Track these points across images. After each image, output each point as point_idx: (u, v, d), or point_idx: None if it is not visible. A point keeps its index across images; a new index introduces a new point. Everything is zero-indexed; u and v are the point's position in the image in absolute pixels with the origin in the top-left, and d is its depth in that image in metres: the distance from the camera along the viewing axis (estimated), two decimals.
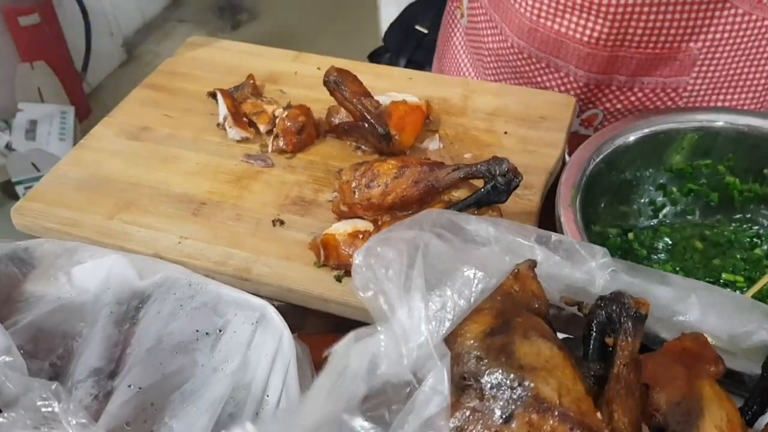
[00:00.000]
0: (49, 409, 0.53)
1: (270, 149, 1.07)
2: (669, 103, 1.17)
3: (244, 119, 1.11)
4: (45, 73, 3.05)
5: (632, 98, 1.17)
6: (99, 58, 3.43)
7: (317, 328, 0.92)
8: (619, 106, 1.20)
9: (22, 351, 0.64)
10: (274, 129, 1.07)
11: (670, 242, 1.00)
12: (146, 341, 0.67)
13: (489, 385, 0.52)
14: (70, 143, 2.92)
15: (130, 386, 0.63)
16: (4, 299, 0.73)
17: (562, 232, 0.83)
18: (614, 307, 0.60)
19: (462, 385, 0.53)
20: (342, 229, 0.88)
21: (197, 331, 0.69)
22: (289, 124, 1.05)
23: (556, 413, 0.51)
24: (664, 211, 1.03)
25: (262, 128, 1.10)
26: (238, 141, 1.09)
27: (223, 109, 1.11)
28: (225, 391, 0.65)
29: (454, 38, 1.46)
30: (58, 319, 0.71)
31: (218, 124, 1.12)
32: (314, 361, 0.79)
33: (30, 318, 0.69)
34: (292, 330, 0.75)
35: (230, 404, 0.66)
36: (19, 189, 2.85)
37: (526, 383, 0.52)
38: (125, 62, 3.75)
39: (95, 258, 0.75)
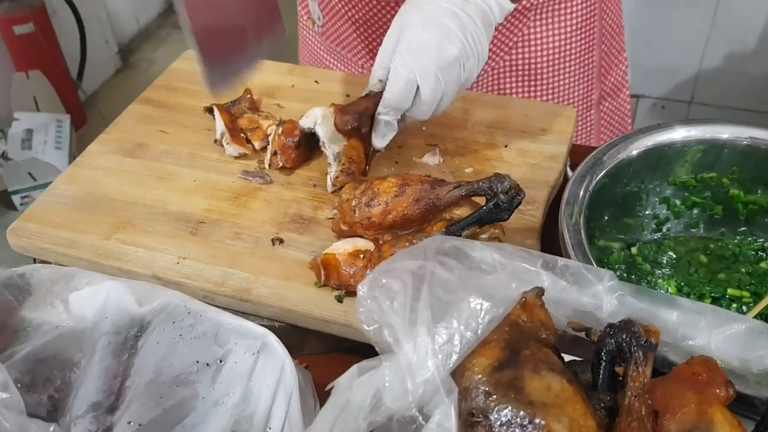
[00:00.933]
0: None
1: (267, 165, 1.05)
2: (524, 2, 1.22)
3: (242, 135, 1.10)
4: (40, 81, 3.04)
5: None
6: (94, 66, 3.43)
7: (318, 348, 0.91)
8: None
9: (19, 385, 0.63)
10: (269, 146, 1.06)
11: (674, 256, 0.99)
12: (146, 374, 0.66)
13: (498, 423, 0.51)
14: (66, 152, 2.91)
15: (130, 423, 0.62)
16: (0, 328, 0.72)
17: (566, 250, 0.82)
18: (624, 336, 0.59)
19: (470, 422, 0.52)
20: (342, 248, 0.87)
21: (197, 362, 0.68)
22: (285, 140, 1.04)
23: None
24: (668, 224, 1.02)
25: (257, 145, 1.09)
26: (235, 157, 1.08)
27: (220, 125, 1.10)
28: (227, 425, 0.63)
29: (311, 44, 1.48)
30: (56, 349, 0.70)
31: (215, 141, 1.10)
32: (315, 380, 0.78)
33: (27, 349, 0.68)
34: (293, 350, 0.73)
35: None
36: (16, 199, 2.84)
37: (537, 421, 0.51)
38: (121, 70, 3.74)
39: (92, 284, 0.74)
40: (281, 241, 0.94)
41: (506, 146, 1.08)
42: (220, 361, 0.68)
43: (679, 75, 2.83)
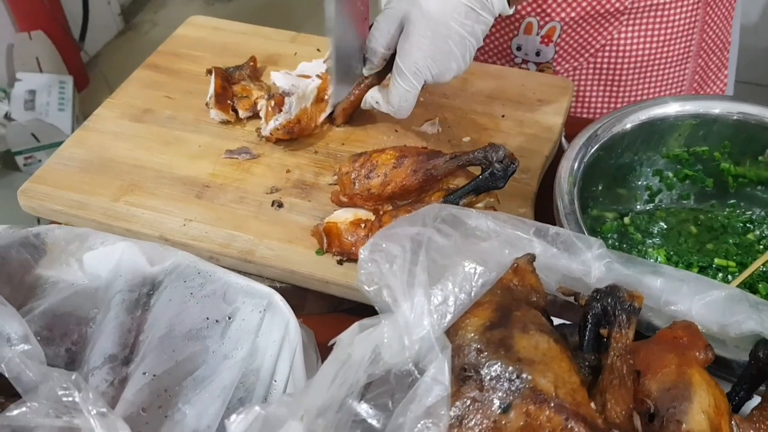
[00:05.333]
0: (70, 399, 0.56)
1: (264, 133, 1.07)
2: (617, 4, 1.20)
3: (229, 102, 1.11)
4: (43, 42, 3.04)
5: (584, 3, 1.20)
6: (96, 27, 3.42)
7: (318, 308, 0.94)
8: (573, 14, 1.22)
9: (38, 338, 0.66)
10: (262, 120, 1.07)
11: (665, 226, 1.02)
12: (159, 329, 0.70)
13: (488, 377, 0.55)
14: (69, 113, 2.92)
15: (144, 373, 0.66)
16: (17, 284, 0.75)
17: (559, 219, 0.85)
18: (609, 300, 0.62)
19: (463, 376, 0.56)
20: (343, 217, 0.90)
21: (207, 318, 0.71)
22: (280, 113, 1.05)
23: (552, 404, 0.54)
24: (660, 195, 1.05)
25: (241, 114, 1.11)
26: (220, 122, 1.10)
27: (211, 88, 1.12)
28: (235, 377, 0.68)
29: None
30: (72, 305, 0.74)
31: (206, 104, 1.13)
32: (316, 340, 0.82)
33: (45, 305, 0.71)
34: (294, 310, 0.77)
35: (240, 389, 0.69)
36: (19, 159, 2.86)
37: (524, 375, 0.54)
38: (123, 31, 3.73)
39: (106, 245, 0.77)
40: (281, 204, 0.97)
41: (503, 116, 1.10)
42: (229, 318, 0.72)
43: None
